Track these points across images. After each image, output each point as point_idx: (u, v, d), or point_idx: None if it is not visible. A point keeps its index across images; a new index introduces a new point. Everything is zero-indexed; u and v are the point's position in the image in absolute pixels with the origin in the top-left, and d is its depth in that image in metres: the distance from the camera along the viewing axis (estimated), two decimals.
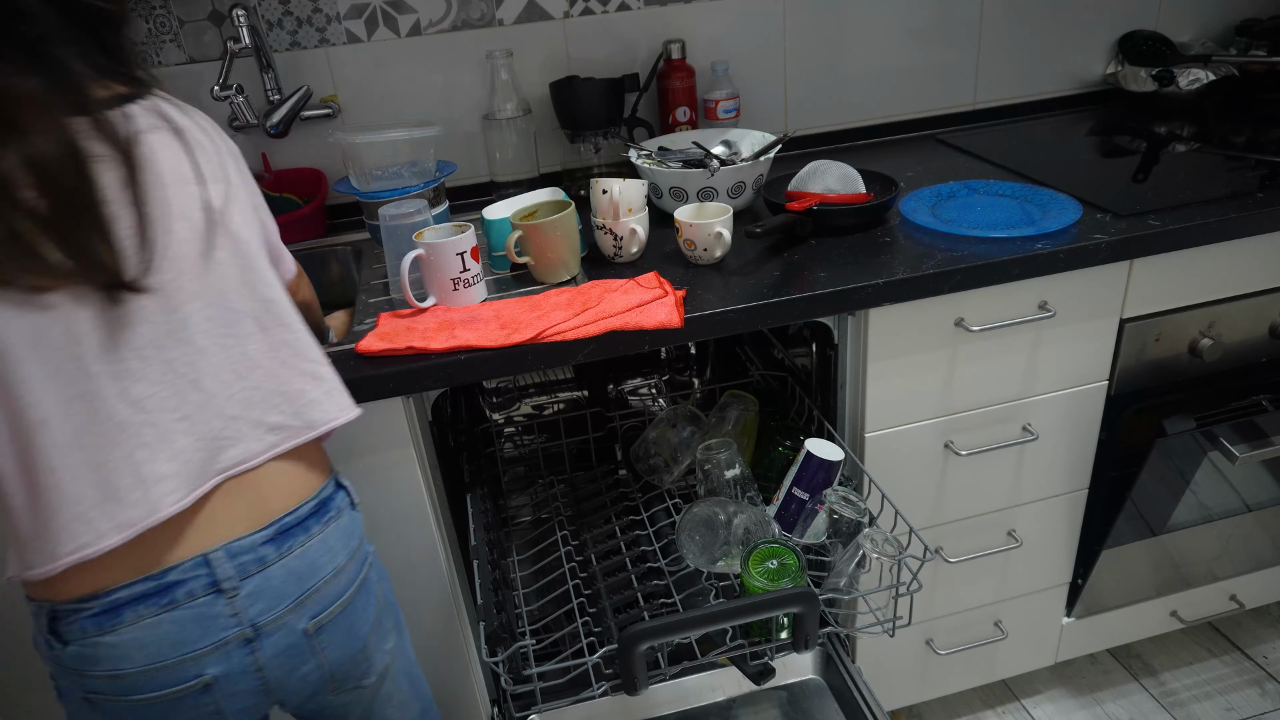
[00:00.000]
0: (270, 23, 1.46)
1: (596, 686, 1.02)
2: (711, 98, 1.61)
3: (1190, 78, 1.72)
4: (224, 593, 0.77)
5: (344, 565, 0.85)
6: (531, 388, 1.73)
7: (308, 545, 0.82)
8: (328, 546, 0.83)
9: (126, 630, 0.74)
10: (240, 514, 0.78)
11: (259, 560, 0.78)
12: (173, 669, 0.76)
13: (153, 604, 0.74)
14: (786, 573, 1.06)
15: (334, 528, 0.84)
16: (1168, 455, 1.36)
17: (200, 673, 0.77)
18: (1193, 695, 1.66)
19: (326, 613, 0.83)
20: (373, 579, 0.90)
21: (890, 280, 1.14)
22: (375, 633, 0.90)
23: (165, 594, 0.75)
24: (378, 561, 0.93)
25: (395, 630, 0.95)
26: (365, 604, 0.88)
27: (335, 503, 0.86)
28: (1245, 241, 1.27)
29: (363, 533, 0.90)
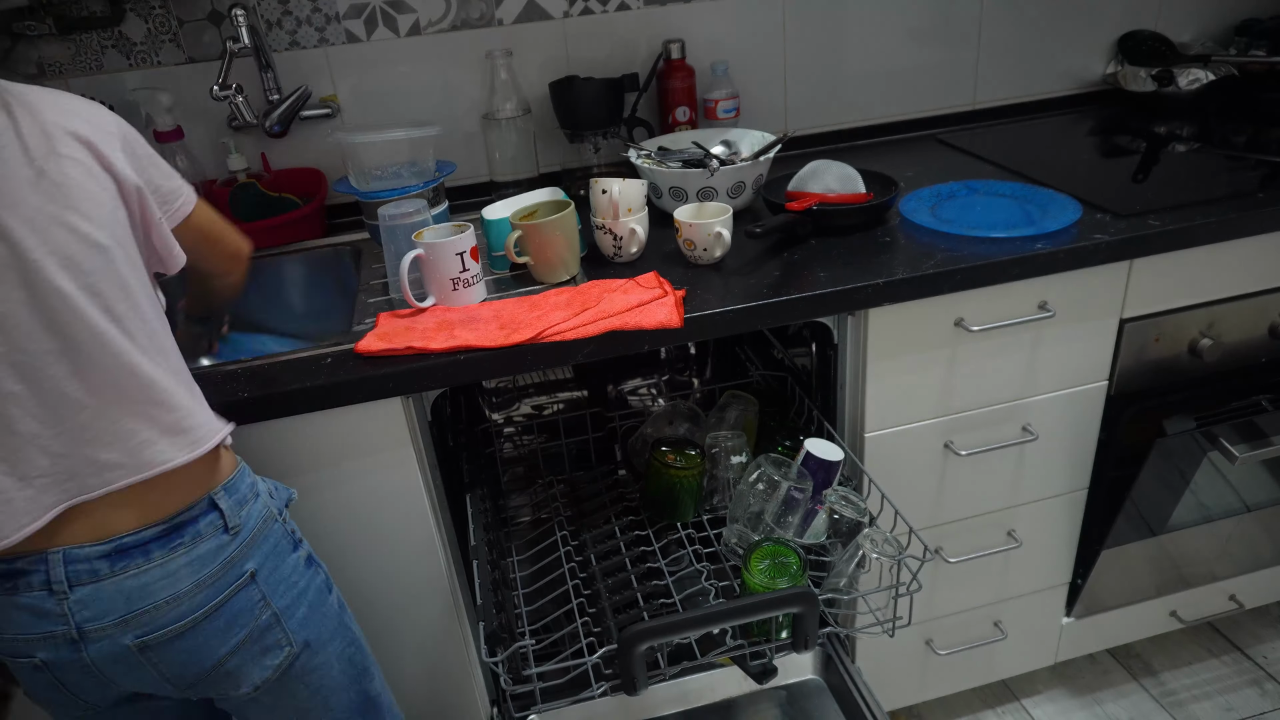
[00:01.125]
0: (270, 23, 1.46)
1: (596, 686, 1.02)
2: (711, 98, 1.61)
3: (1190, 78, 1.72)
4: (54, 593, 0.79)
5: (185, 592, 0.82)
6: (531, 388, 1.73)
7: (145, 569, 0.81)
8: (168, 573, 0.82)
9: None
10: (83, 525, 0.80)
11: (91, 572, 0.80)
12: (8, 643, 0.81)
13: (3, 583, 0.79)
14: (786, 572, 1.06)
15: (182, 555, 0.82)
16: (1168, 455, 1.36)
17: (31, 654, 0.81)
18: (1192, 695, 1.66)
19: (157, 634, 0.82)
20: (248, 601, 0.87)
21: (890, 280, 1.14)
22: (242, 651, 0.87)
23: (10, 579, 0.79)
24: (285, 576, 0.90)
25: (294, 645, 0.91)
26: (225, 627, 0.86)
27: (193, 529, 0.83)
28: (1245, 241, 1.27)
29: (233, 557, 0.86)
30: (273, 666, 0.90)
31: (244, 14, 1.36)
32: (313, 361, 1.07)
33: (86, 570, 0.79)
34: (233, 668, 0.88)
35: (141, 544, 0.81)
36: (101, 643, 0.81)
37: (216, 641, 0.86)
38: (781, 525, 1.13)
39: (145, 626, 0.82)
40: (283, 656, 0.91)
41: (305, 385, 1.02)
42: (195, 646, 0.85)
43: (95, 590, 0.80)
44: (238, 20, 1.36)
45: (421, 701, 1.29)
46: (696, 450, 1.27)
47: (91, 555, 0.79)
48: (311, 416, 1.05)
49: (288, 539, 0.93)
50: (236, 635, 0.87)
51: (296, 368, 1.06)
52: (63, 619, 0.80)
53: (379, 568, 1.17)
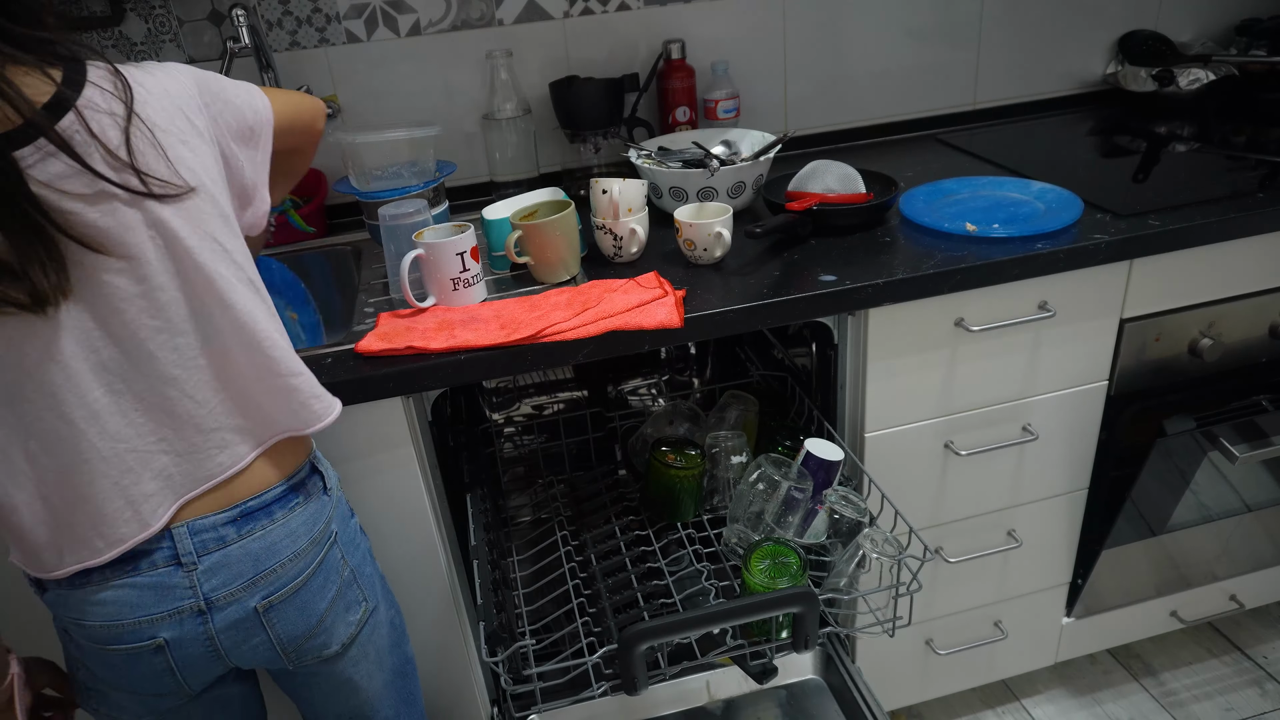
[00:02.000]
0: (270, 23, 1.46)
1: (596, 686, 1.02)
2: (711, 98, 1.61)
3: (1190, 78, 1.72)
4: (183, 565, 0.81)
5: (304, 549, 0.86)
6: (531, 388, 1.73)
7: (269, 529, 0.84)
8: (289, 531, 0.85)
9: (92, 590, 0.79)
10: (207, 496, 0.82)
11: (219, 539, 0.82)
12: (129, 629, 0.81)
13: (117, 569, 0.79)
14: (787, 572, 1.06)
15: (298, 513, 0.86)
16: (1168, 455, 1.36)
17: (154, 635, 0.81)
18: (1192, 695, 1.66)
19: (280, 593, 0.85)
20: (335, 558, 0.91)
21: (890, 280, 1.14)
22: (335, 608, 0.91)
23: (130, 561, 0.80)
24: (352, 537, 0.94)
25: (369, 601, 0.96)
26: (323, 584, 0.89)
27: (304, 489, 0.88)
28: (1245, 241, 1.27)
29: (331, 516, 0.90)
30: (354, 623, 0.93)
31: (244, 14, 1.36)
32: (313, 361, 1.07)
33: (214, 538, 0.81)
34: (329, 624, 0.90)
35: (264, 506, 0.84)
36: (229, 608, 0.83)
37: (318, 598, 0.89)
38: (782, 525, 1.13)
39: (271, 585, 0.84)
40: (360, 612, 0.94)
41: None
42: (304, 603, 0.87)
43: (224, 556, 0.82)
44: (238, 20, 1.36)
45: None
46: (697, 450, 1.27)
47: (218, 523, 0.82)
48: None
49: (346, 506, 0.97)
50: (331, 591, 0.90)
51: None
52: (190, 591, 0.81)
53: (379, 566, 1.17)
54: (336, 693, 0.97)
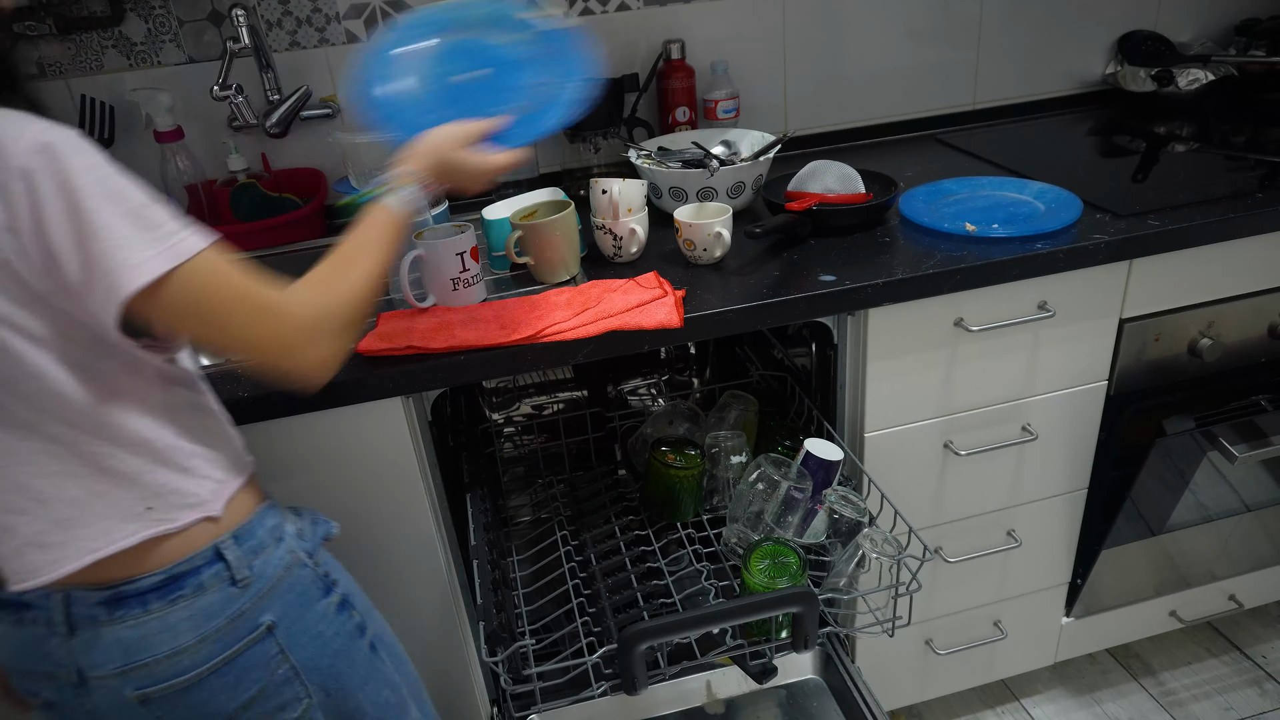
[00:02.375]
0: (270, 23, 1.46)
1: (596, 686, 1.02)
2: (711, 98, 1.61)
3: (1190, 78, 1.72)
4: (56, 633, 0.77)
5: (189, 647, 0.77)
6: (531, 388, 1.73)
7: (142, 620, 0.76)
8: (167, 626, 0.76)
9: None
10: (88, 568, 0.75)
11: (90, 618, 0.76)
12: (19, 676, 0.79)
13: (11, 611, 0.78)
14: (786, 572, 1.06)
15: (183, 607, 0.77)
16: (1167, 455, 1.36)
17: (38, 692, 0.79)
18: (1192, 695, 1.66)
19: (159, 688, 0.77)
20: (262, 655, 0.80)
21: (890, 280, 1.14)
22: (255, 707, 0.81)
23: (20, 609, 0.77)
24: (310, 627, 0.84)
25: (319, 696, 0.85)
26: (233, 684, 0.80)
27: (194, 579, 0.78)
28: (1245, 241, 1.27)
29: (244, 610, 0.79)
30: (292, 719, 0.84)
31: (244, 14, 1.36)
32: None
33: (86, 615, 0.76)
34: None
35: (139, 594, 0.76)
36: (103, 691, 0.77)
37: (225, 697, 0.80)
38: (781, 525, 1.13)
39: (145, 679, 0.76)
40: (300, 710, 0.84)
41: None
42: (202, 701, 0.79)
43: (95, 635, 0.76)
44: (238, 20, 1.36)
45: None
46: (696, 450, 1.27)
47: (91, 600, 0.76)
48: (311, 416, 1.05)
49: (317, 584, 0.85)
50: (248, 691, 0.80)
51: None
52: (66, 659, 0.76)
53: (379, 568, 1.17)
54: None
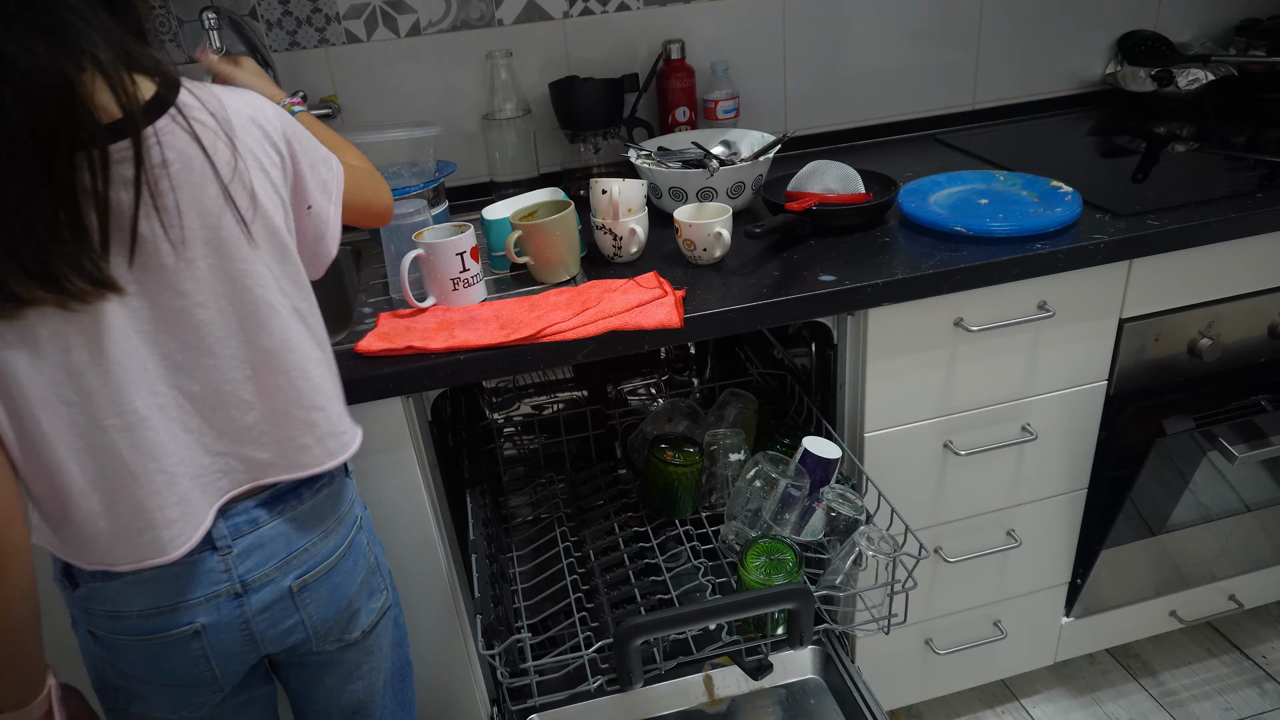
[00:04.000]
0: (270, 23, 1.46)
1: (592, 680, 1.03)
2: (711, 98, 1.61)
3: (1190, 78, 1.72)
4: (217, 550, 0.82)
5: (332, 528, 0.89)
6: (531, 388, 1.73)
7: (299, 509, 0.86)
8: (317, 511, 0.88)
9: (129, 578, 0.79)
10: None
11: (251, 521, 0.83)
12: (166, 615, 0.81)
13: None
14: (783, 569, 1.06)
15: (325, 494, 0.88)
16: (1167, 455, 1.36)
17: (191, 620, 0.82)
18: (1192, 695, 1.66)
19: (313, 572, 0.87)
20: (362, 542, 0.93)
21: (890, 280, 1.14)
22: (363, 593, 0.94)
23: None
24: (370, 526, 0.97)
25: (385, 591, 0.99)
26: (352, 565, 0.91)
27: (329, 472, 0.89)
28: (1245, 241, 1.27)
29: (354, 497, 0.93)
30: (375, 609, 0.96)
31: (215, 17, 1.31)
32: None
33: (246, 521, 0.83)
34: (357, 607, 0.93)
35: (293, 488, 0.86)
36: (264, 590, 0.84)
37: (348, 580, 0.91)
38: (779, 522, 1.13)
39: (304, 564, 0.86)
40: (381, 600, 0.97)
41: None
42: (336, 584, 0.89)
43: (257, 538, 0.83)
44: (209, 23, 1.32)
45: (421, 700, 1.28)
46: (695, 448, 1.28)
47: (249, 506, 0.83)
48: None
49: (361, 499, 0.98)
50: (360, 573, 0.93)
51: None
52: (226, 574, 0.82)
53: None
54: (344, 683, 0.98)
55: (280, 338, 0.82)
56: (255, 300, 0.79)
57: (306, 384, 0.84)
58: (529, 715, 1.18)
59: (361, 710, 1.01)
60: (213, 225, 0.76)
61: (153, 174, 0.72)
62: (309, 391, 0.85)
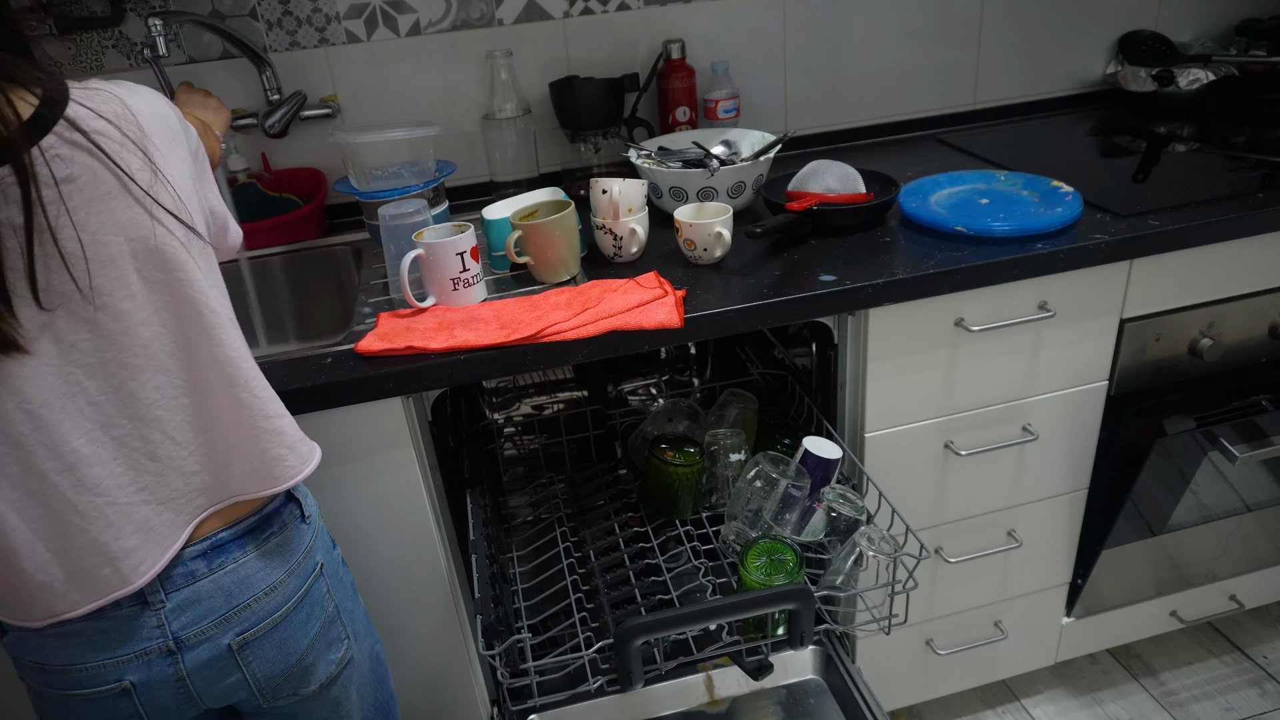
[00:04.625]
0: (270, 23, 1.46)
1: (593, 681, 1.03)
2: (711, 98, 1.61)
3: (1190, 78, 1.72)
4: (149, 605, 0.77)
5: (280, 581, 0.83)
6: (531, 388, 1.73)
7: (241, 562, 0.81)
8: (264, 563, 0.82)
9: (53, 629, 0.75)
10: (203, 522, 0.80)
11: (188, 575, 0.78)
12: (92, 671, 0.77)
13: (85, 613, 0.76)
14: (783, 569, 1.06)
15: (273, 544, 0.83)
16: (1168, 455, 1.36)
17: (120, 678, 0.77)
18: (1192, 695, 1.66)
19: (255, 629, 0.82)
20: (320, 591, 0.88)
21: (890, 280, 1.14)
22: (318, 645, 0.88)
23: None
24: (335, 570, 0.92)
25: (349, 640, 0.93)
26: (306, 618, 0.86)
27: (279, 519, 0.84)
28: (1245, 241, 1.27)
29: (311, 545, 0.87)
30: (335, 660, 0.90)
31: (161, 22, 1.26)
32: (313, 361, 1.08)
33: (182, 574, 0.78)
34: (310, 661, 0.87)
35: (236, 538, 0.81)
36: (200, 648, 0.79)
37: (300, 633, 0.86)
38: (779, 523, 1.13)
39: (245, 621, 0.81)
40: (342, 650, 0.91)
41: (305, 385, 1.02)
42: (284, 639, 0.84)
43: (194, 593, 0.78)
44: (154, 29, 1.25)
45: (421, 701, 1.29)
46: (696, 448, 1.28)
47: (187, 557, 0.78)
48: (312, 416, 1.05)
49: (328, 536, 0.94)
50: (315, 625, 0.87)
51: (297, 367, 1.06)
52: (159, 630, 0.77)
53: (379, 567, 1.17)
54: None
55: (231, 347, 0.77)
56: (199, 310, 0.75)
57: (265, 392, 0.81)
58: (529, 715, 1.18)
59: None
60: (141, 236, 0.71)
61: (46, 197, 0.66)
62: (268, 399, 0.81)
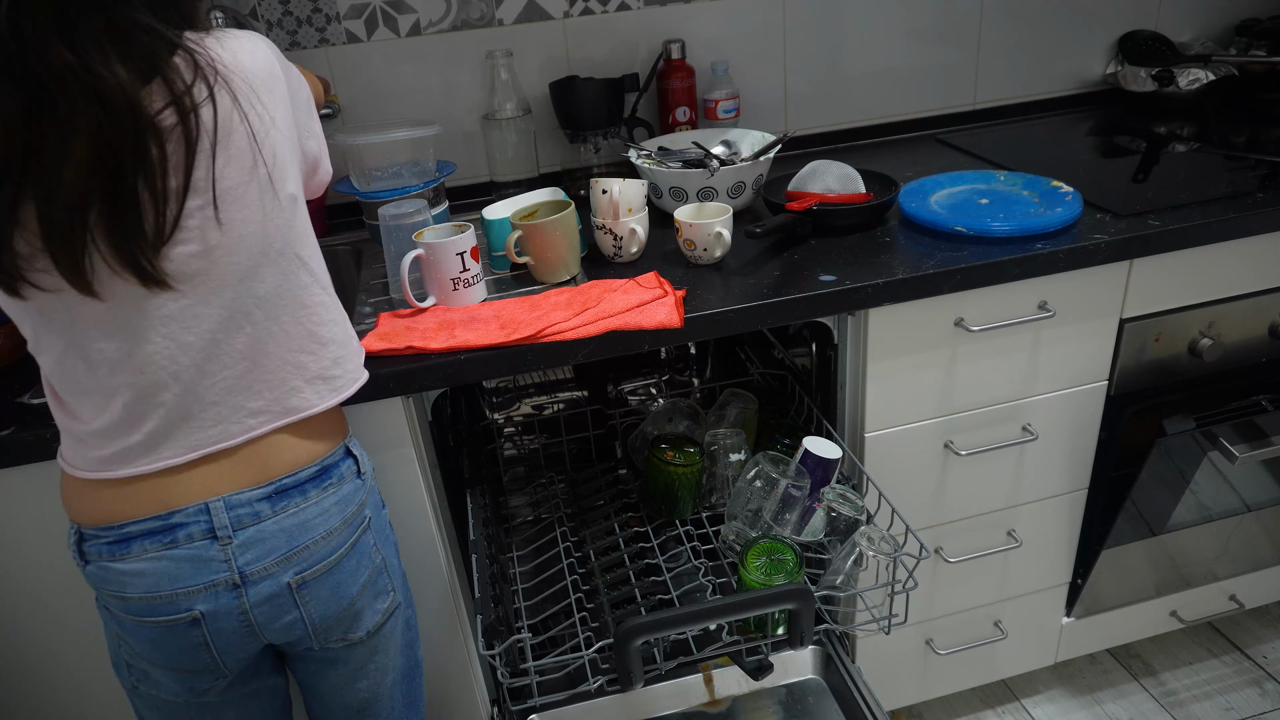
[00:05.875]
0: (270, 23, 1.46)
1: (592, 681, 1.03)
2: (711, 98, 1.61)
3: (1190, 78, 1.72)
4: (218, 539, 0.83)
5: (336, 529, 0.89)
6: (531, 388, 1.73)
7: (303, 507, 0.87)
8: (322, 510, 0.88)
9: (133, 560, 0.82)
10: (243, 472, 0.84)
11: (254, 514, 0.84)
12: (167, 600, 0.83)
13: (157, 540, 0.82)
14: (783, 569, 1.06)
15: (332, 494, 0.89)
16: (1168, 455, 1.36)
17: (190, 607, 0.84)
18: (1192, 695, 1.66)
19: (312, 570, 0.87)
20: (368, 543, 0.93)
21: (890, 280, 1.14)
22: (365, 594, 0.93)
23: (168, 533, 0.82)
24: (383, 527, 0.97)
25: (395, 593, 0.98)
26: (356, 566, 0.91)
27: (338, 471, 0.90)
28: (1245, 241, 1.27)
29: (364, 500, 0.93)
30: (381, 611, 0.96)
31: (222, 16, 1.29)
32: None
33: (249, 513, 0.84)
34: (360, 607, 0.93)
35: (299, 484, 0.86)
36: (263, 583, 0.85)
37: (351, 579, 0.91)
38: (779, 522, 1.13)
39: (304, 561, 0.86)
40: (388, 601, 0.97)
41: None
42: (337, 583, 0.90)
43: (258, 531, 0.84)
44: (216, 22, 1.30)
45: None
46: (696, 448, 1.28)
47: (253, 499, 0.84)
48: None
49: (379, 497, 0.99)
50: (364, 574, 0.92)
51: None
52: (225, 564, 0.83)
53: None
54: (350, 680, 0.98)
55: (285, 285, 0.83)
56: (263, 249, 0.81)
57: (310, 319, 0.86)
58: (529, 715, 1.18)
59: (368, 708, 1.01)
60: (242, 178, 0.78)
61: (200, 143, 0.75)
62: (311, 328, 0.86)
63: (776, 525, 1.13)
